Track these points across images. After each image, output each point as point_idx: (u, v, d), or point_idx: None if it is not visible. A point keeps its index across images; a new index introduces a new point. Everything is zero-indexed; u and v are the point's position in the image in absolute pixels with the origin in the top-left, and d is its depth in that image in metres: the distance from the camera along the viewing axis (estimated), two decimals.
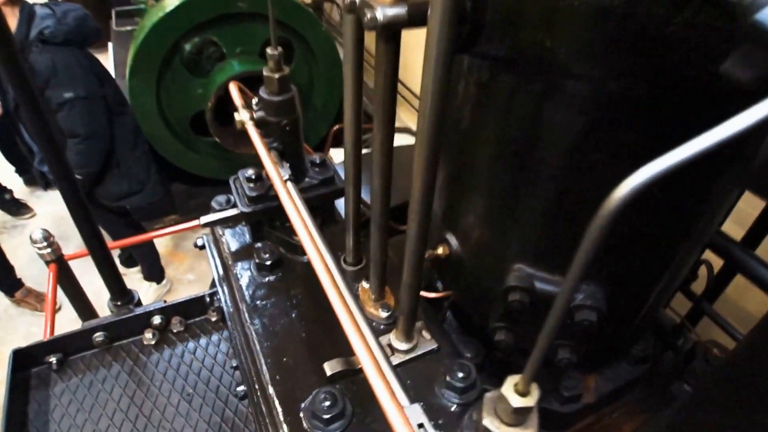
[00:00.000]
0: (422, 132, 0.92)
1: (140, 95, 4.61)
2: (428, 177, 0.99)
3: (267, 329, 1.45)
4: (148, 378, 1.95)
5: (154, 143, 4.84)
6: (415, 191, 1.01)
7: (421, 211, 1.04)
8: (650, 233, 1.17)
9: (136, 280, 4.99)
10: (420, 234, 1.09)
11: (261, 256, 1.58)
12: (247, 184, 1.58)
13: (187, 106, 4.99)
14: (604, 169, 1.05)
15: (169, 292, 5.00)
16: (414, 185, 1.01)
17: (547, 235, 1.22)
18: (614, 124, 0.98)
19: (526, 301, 1.24)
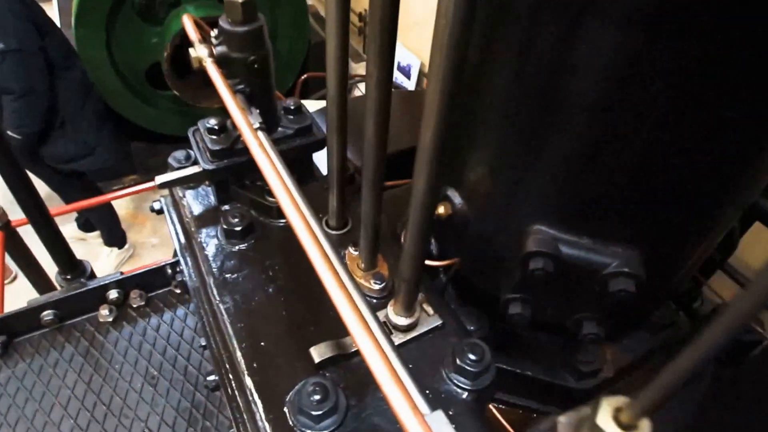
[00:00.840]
0: (441, 47, 0.69)
1: (88, 46, 4.21)
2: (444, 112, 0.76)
3: (240, 307, 1.22)
4: (106, 360, 1.72)
5: (107, 98, 4.47)
6: (426, 131, 0.78)
7: (431, 159, 0.82)
8: (694, 187, 0.99)
9: (96, 245, 4.67)
10: (429, 188, 0.87)
11: (229, 220, 1.34)
12: (209, 137, 1.33)
13: (141, 57, 4.61)
14: (653, 102, 0.86)
15: (133, 257, 4.70)
16: (425, 124, 0.78)
17: (575, 188, 1.03)
18: (672, 37, 0.78)
19: (551, 269, 1.04)
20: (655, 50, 0.80)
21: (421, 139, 0.81)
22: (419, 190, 0.88)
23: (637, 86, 0.85)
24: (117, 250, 4.58)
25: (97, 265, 4.53)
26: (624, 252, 1.06)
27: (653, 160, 0.94)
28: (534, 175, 1.05)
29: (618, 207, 1.02)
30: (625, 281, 1.03)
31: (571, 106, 0.92)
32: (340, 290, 0.90)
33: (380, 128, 0.99)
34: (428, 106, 0.77)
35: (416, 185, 0.88)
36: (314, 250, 0.95)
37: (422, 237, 0.96)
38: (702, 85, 0.83)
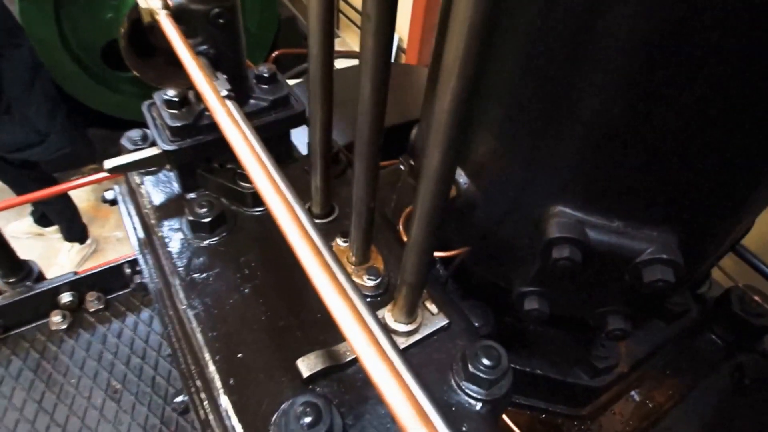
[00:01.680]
0: None
1: (35, 22, 3.88)
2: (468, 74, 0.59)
3: (211, 312, 1.04)
4: (60, 374, 1.52)
5: (60, 81, 4.16)
6: (443, 98, 0.62)
7: (449, 134, 0.65)
8: (742, 156, 0.84)
9: (55, 241, 4.39)
10: (444, 171, 0.70)
11: (196, 211, 1.15)
12: (167, 111, 1.14)
13: (96, 34, 4.28)
14: (685, 66, 0.73)
15: (96, 253, 4.43)
16: (442, 89, 0.61)
17: (606, 161, 0.88)
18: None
19: (578, 259, 0.89)
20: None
21: (437, 109, 0.64)
22: (431, 172, 0.71)
23: (689, 33, 0.69)
24: (78, 245, 4.30)
25: (58, 262, 4.26)
26: (660, 236, 0.91)
27: (700, 124, 0.78)
28: (556, 145, 0.89)
29: (655, 182, 0.87)
30: (663, 270, 0.88)
31: (606, 57, 0.76)
32: (334, 289, 0.72)
33: (378, 94, 0.81)
34: (448, 68, 0.60)
35: (427, 167, 0.71)
36: (301, 242, 0.77)
37: (432, 231, 0.79)
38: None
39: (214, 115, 0.89)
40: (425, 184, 0.73)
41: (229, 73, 1.08)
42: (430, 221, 0.77)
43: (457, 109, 0.63)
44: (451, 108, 0.63)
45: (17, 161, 3.51)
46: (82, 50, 4.28)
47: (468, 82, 0.60)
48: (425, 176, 0.72)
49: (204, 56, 1.04)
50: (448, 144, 0.67)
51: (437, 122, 0.65)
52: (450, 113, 0.63)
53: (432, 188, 0.73)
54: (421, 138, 1.25)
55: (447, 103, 0.63)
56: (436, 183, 0.72)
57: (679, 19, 0.68)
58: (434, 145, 0.68)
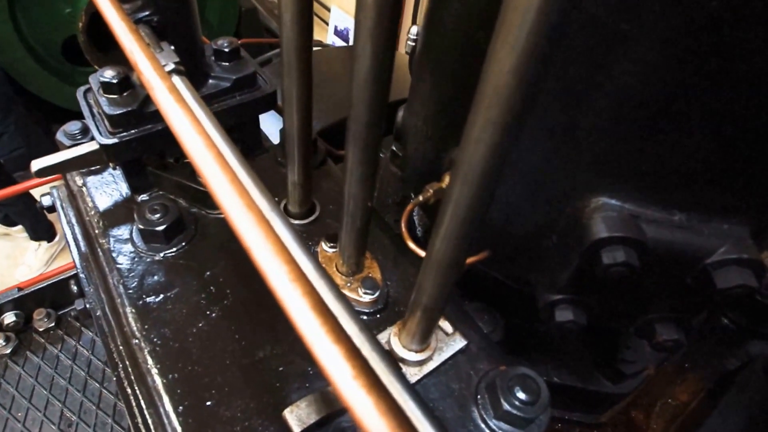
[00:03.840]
0: None
1: None
2: None
3: (171, 347, 0.76)
4: (4, 407, 1.21)
5: (17, 78, 3.73)
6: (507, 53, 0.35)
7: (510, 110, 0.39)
8: None
9: (22, 240, 3.96)
10: (490, 167, 0.44)
11: (147, 217, 0.86)
12: (105, 97, 0.84)
13: (54, 29, 3.85)
14: None
15: (65, 251, 4.01)
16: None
17: (659, 146, 0.62)
18: None
19: (635, 263, 0.64)
20: None
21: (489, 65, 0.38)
22: (470, 173, 0.45)
23: None
24: (46, 243, 3.88)
25: (25, 262, 3.83)
26: (732, 229, 0.67)
27: None
28: (598, 114, 0.63)
29: (729, 160, 0.62)
30: (741, 272, 0.65)
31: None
32: (312, 314, 0.46)
33: (382, 62, 0.54)
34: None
35: (463, 166, 0.45)
36: (273, 259, 0.50)
37: (465, 248, 0.53)
38: None
39: (153, 95, 0.60)
40: (459, 188, 0.47)
41: (180, 45, 0.79)
42: (464, 236, 0.51)
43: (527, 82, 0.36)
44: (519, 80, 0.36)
45: None
46: (40, 46, 3.85)
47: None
48: (460, 177, 0.46)
49: (146, 25, 0.75)
50: (499, 135, 0.40)
51: (487, 88, 0.39)
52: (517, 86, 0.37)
53: (471, 194, 0.47)
54: (411, 121, 0.98)
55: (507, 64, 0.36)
56: (477, 188, 0.46)
57: None
58: (476, 141, 0.42)
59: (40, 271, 3.80)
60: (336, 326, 0.45)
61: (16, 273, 3.77)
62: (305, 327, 0.45)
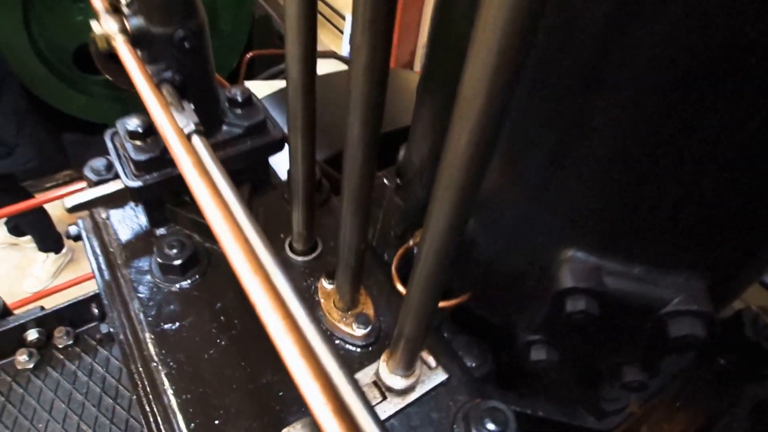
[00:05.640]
0: None
1: (3, 27, 3.65)
2: None
3: (185, 371, 0.90)
4: (27, 419, 1.36)
5: (30, 86, 3.93)
6: (461, 138, 0.48)
7: (475, 162, 0.51)
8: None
9: (30, 251, 4.14)
10: (455, 221, 0.57)
11: (165, 252, 1.00)
12: (131, 143, 0.98)
13: (66, 38, 4.06)
14: (724, 90, 0.59)
15: (72, 262, 4.19)
16: (458, 128, 0.48)
17: (623, 204, 0.74)
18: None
19: (595, 311, 0.76)
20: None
21: (451, 137, 0.51)
22: (438, 227, 0.58)
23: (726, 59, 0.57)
24: (54, 255, 4.06)
25: (33, 273, 4.01)
26: (688, 283, 0.78)
27: (738, 153, 0.65)
28: (567, 179, 0.75)
29: (685, 220, 0.74)
30: (692, 323, 0.76)
31: (628, 77, 0.62)
32: (298, 353, 0.60)
33: (371, 115, 0.67)
34: (467, 99, 0.46)
35: (433, 220, 0.58)
36: (265, 301, 0.64)
37: (437, 288, 0.66)
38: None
39: (174, 154, 0.74)
40: (430, 241, 0.60)
41: (198, 99, 0.93)
42: (435, 279, 0.64)
43: (489, 130, 0.49)
44: (482, 130, 0.48)
45: None
46: (52, 54, 4.06)
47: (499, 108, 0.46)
48: (430, 230, 0.59)
49: (169, 83, 0.89)
50: (461, 197, 0.53)
51: (451, 145, 0.51)
52: (478, 139, 0.49)
53: (437, 246, 0.60)
54: (410, 161, 1.11)
55: (465, 139, 0.49)
56: (443, 241, 0.59)
57: (716, 43, 0.55)
58: (442, 200, 0.54)
59: (46, 283, 3.98)
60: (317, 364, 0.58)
61: (23, 284, 3.95)
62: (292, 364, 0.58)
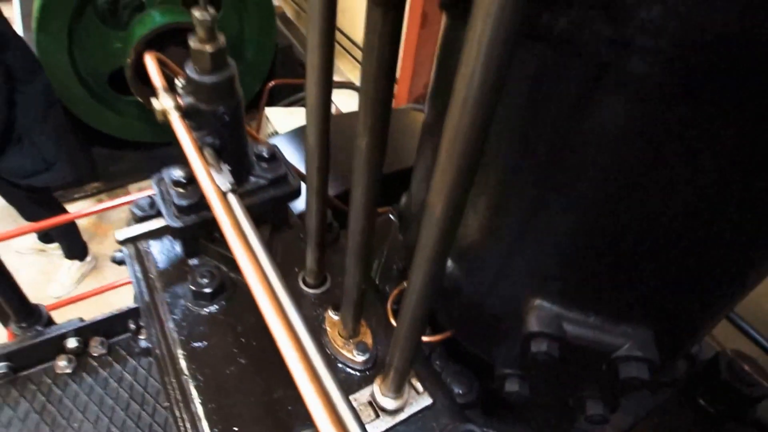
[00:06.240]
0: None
1: (50, 51, 3.97)
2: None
3: (210, 384, 1.08)
4: (63, 417, 1.54)
5: (68, 104, 4.23)
6: (438, 196, 0.64)
7: (448, 216, 0.67)
8: (719, 261, 0.86)
9: (56, 257, 4.39)
10: (440, 250, 0.72)
11: (198, 281, 1.19)
12: (175, 190, 1.17)
13: (104, 61, 4.37)
14: (663, 181, 0.76)
15: (95, 270, 4.44)
16: (437, 189, 0.64)
17: (583, 261, 0.91)
18: (689, 126, 0.69)
19: (555, 353, 0.93)
20: (669, 124, 0.69)
21: (430, 202, 0.67)
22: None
23: (640, 165, 0.74)
24: (78, 263, 4.31)
25: (58, 279, 4.26)
26: (636, 332, 0.94)
27: (676, 235, 0.81)
28: (536, 243, 0.93)
29: (631, 283, 0.91)
30: (638, 366, 0.92)
31: (573, 180, 0.80)
32: (304, 370, 0.77)
33: (370, 189, 0.85)
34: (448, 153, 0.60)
35: (421, 245, 0.74)
36: (277, 324, 0.82)
37: (419, 328, 0.84)
38: (710, 166, 0.72)
39: (212, 207, 0.93)
40: (413, 285, 0.77)
41: (232, 158, 1.12)
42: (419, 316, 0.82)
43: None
44: (453, 192, 0.63)
45: (24, 186, 3.55)
46: (90, 76, 4.36)
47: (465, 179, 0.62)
48: (413, 275, 0.76)
49: (210, 147, 1.08)
50: (444, 225, 0.68)
51: (434, 199, 0.66)
52: (451, 199, 0.64)
53: (419, 290, 0.77)
54: (410, 205, 1.28)
55: (449, 184, 0.62)
56: (424, 286, 0.76)
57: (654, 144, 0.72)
58: (429, 224, 0.69)
59: (70, 288, 4.22)
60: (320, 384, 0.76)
61: (48, 289, 4.20)
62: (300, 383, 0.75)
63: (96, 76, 4.42)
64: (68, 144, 3.62)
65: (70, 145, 3.66)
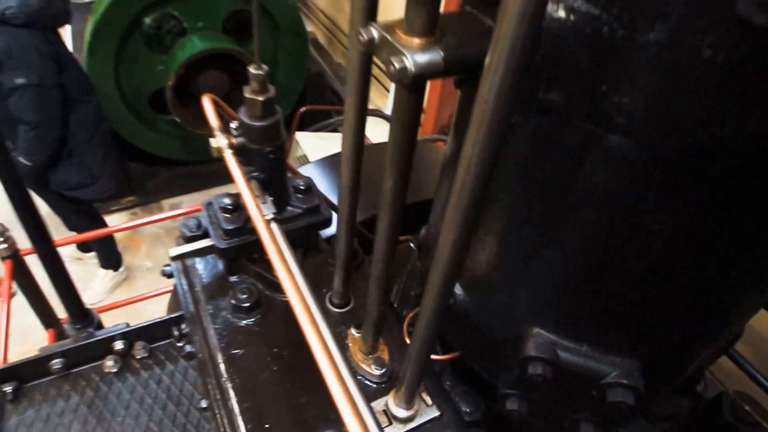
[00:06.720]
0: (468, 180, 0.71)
1: (98, 72, 4.28)
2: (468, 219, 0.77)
3: (246, 386, 1.25)
4: (108, 412, 1.72)
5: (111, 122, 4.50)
6: (449, 231, 0.79)
7: (452, 252, 0.82)
8: (699, 304, 0.99)
9: (92, 266, 4.64)
10: (445, 282, 0.87)
11: (238, 296, 1.36)
12: (222, 215, 1.36)
13: (146, 82, 4.66)
14: (642, 234, 0.89)
15: (127, 281, 4.68)
16: (448, 225, 0.79)
17: (575, 297, 1.04)
18: (660, 192, 0.83)
19: (549, 375, 1.07)
20: (644, 187, 0.83)
21: (442, 239, 0.82)
22: (434, 285, 0.89)
23: (622, 223, 0.88)
24: (112, 272, 4.56)
25: (92, 287, 4.50)
26: (623, 362, 1.04)
27: (655, 278, 0.94)
28: (534, 278, 1.07)
29: (618, 318, 1.04)
30: (624, 393, 1.03)
31: (567, 231, 0.95)
32: (334, 376, 0.93)
33: (392, 225, 1.01)
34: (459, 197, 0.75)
35: (432, 278, 0.88)
36: (315, 340, 0.98)
37: (428, 350, 0.99)
38: (680, 226, 0.86)
39: (259, 232, 1.11)
40: (424, 310, 0.92)
41: (274, 190, 1.30)
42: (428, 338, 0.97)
43: (461, 236, 0.81)
44: (456, 237, 0.79)
45: (70, 197, 3.83)
46: (133, 96, 4.64)
47: (467, 227, 0.78)
48: (429, 288, 0.90)
49: (256, 180, 1.26)
50: (448, 265, 0.84)
51: (444, 242, 0.81)
52: (455, 240, 0.80)
53: (434, 301, 0.91)
54: (428, 238, 1.44)
55: (453, 231, 0.78)
56: (439, 295, 0.90)
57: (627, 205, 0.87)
58: (438, 266, 0.85)
59: (103, 296, 4.46)
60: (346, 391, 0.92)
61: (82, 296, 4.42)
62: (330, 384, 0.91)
63: (138, 96, 4.71)
64: (112, 160, 3.91)
65: (114, 161, 3.94)
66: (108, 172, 3.82)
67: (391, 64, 0.70)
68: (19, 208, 1.71)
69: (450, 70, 0.74)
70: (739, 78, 0.64)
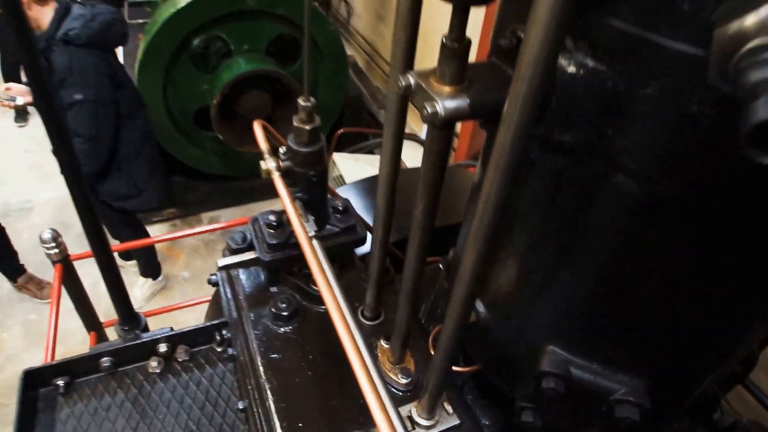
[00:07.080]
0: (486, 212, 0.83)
1: (148, 89, 4.53)
2: None
3: (282, 388, 1.37)
4: (151, 409, 1.87)
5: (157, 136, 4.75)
6: (470, 253, 0.89)
7: (472, 271, 0.92)
8: (708, 328, 1.07)
9: (132, 274, 4.88)
10: (466, 298, 0.98)
11: (278, 305, 1.50)
12: (267, 230, 1.50)
13: (192, 100, 4.92)
14: (648, 264, 0.98)
15: (164, 289, 4.90)
16: (469, 248, 0.89)
17: (588, 318, 1.14)
18: (663, 226, 0.92)
19: (561, 390, 1.16)
20: (651, 221, 0.92)
21: (464, 260, 0.93)
22: (457, 302, 1.00)
23: (631, 253, 0.97)
24: (151, 281, 4.79)
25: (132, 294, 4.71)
26: (630, 380, 1.12)
27: (661, 306, 1.03)
28: (550, 300, 1.17)
29: (625, 339, 1.12)
30: (630, 409, 1.11)
31: (580, 258, 1.05)
32: (367, 382, 1.04)
33: (422, 247, 1.14)
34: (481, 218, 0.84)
35: (454, 297, 1.00)
36: (350, 345, 1.10)
37: (449, 361, 1.10)
38: (684, 256, 0.94)
39: (302, 247, 1.25)
40: (452, 311, 1.03)
41: (316, 210, 1.44)
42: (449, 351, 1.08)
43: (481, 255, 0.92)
44: (476, 257, 0.91)
45: (116, 208, 4.07)
46: (178, 113, 4.91)
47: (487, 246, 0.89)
48: (452, 305, 1.02)
49: (300, 200, 1.41)
50: (468, 280, 0.96)
51: (466, 261, 0.92)
52: (475, 259, 0.92)
53: (456, 316, 1.03)
54: (456, 260, 1.56)
55: (474, 250, 0.90)
56: (460, 309, 1.02)
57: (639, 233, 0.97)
58: (461, 282, 0.97)
59: (141, 304, 4.68)
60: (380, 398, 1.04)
61: None
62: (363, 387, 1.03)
63: (183, 113, 4.98)
64: (158, 173, 4.16)
65: (159, 175, 4.20)
66: (153, 184, 4.07)
67: (425, 109, 0.83)
68: (82, 215, 1.88)
69: (475, 114, 0.86)
70: (724, 132, 0.74)
